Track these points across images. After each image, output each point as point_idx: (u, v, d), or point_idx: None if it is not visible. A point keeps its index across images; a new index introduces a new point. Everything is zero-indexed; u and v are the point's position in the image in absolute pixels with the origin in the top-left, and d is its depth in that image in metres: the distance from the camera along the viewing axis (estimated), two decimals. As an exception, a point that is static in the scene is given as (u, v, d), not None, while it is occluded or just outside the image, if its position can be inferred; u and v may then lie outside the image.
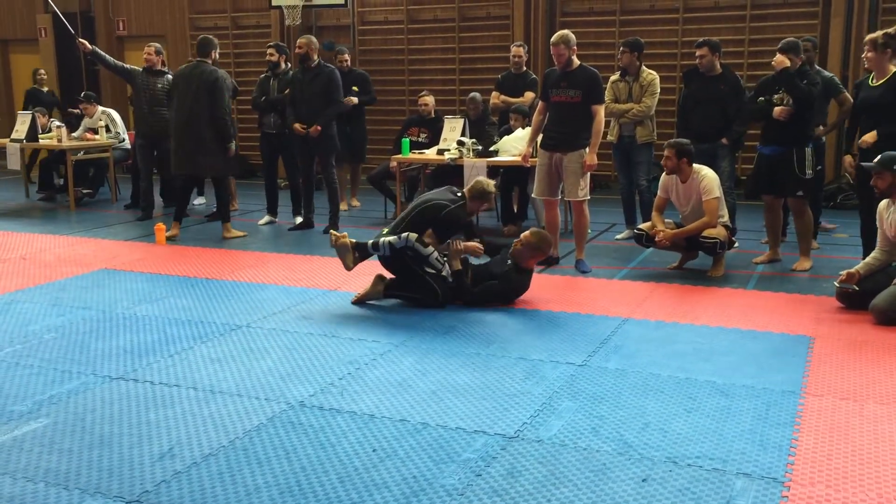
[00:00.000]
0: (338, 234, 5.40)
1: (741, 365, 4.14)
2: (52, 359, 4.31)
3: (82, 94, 10.14)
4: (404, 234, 5.14)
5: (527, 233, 5.41)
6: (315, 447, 3.25)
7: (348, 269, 5.38)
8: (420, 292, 5.22)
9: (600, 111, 6.05)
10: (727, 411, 3.57)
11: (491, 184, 5.58)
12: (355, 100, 8.74)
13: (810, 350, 4.36)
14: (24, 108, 10.65)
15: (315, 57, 7.55)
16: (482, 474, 3.02)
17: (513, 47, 8.50)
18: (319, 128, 7.44)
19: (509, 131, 7.95)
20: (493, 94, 8.40)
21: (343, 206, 9.17)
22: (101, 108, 9.80)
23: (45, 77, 11.22)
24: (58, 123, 9.68)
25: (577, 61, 6.06)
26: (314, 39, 7.68)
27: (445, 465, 3.10)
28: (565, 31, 6.07)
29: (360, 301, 5.30)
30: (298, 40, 7.70)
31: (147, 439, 3.34)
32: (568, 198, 6.20)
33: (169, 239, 7.33)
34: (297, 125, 7.50)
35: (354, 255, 5.33)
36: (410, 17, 11.54)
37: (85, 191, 9.71)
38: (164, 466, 3.11)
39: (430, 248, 5.16)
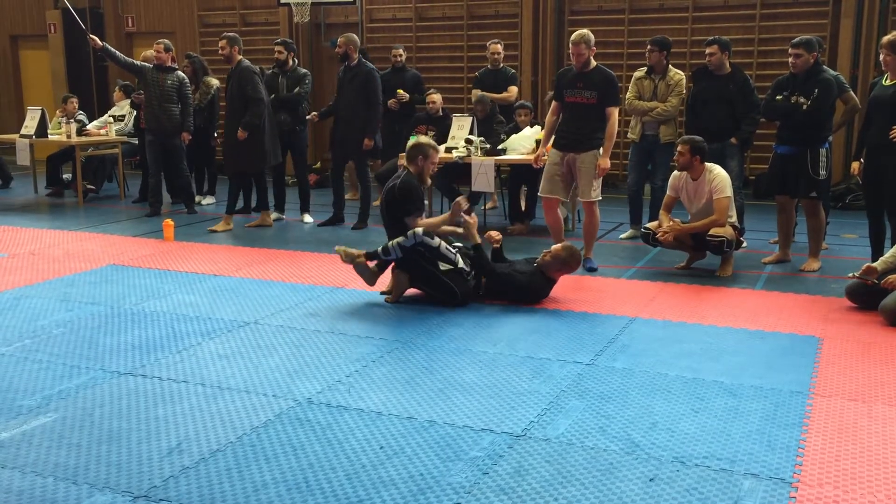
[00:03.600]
0: (345, 250, 5.33)
1: (749, 365, 4.13)
2: (61, 354, 4.33)
3: (120, 82, 10.21)
4: (410, 232, 5.13)
5: (558, 246, 5.42)
6: (322, 444, 3.26)
7: (371, 284, 5.38)
8: (439, 292, 5.21)
9: (614, 113, 5.98)
10: (735, 411, 3.56)
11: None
12: (406, 95, 8.98)
13: (819, 351, 4.35)
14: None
15: (355, 56, 7.63)
16: (489, 472, 3.02)
17: (491, 45, 8.79)
18: (371, 142, 7.70)
19: (517, 129, 7.95)
20: (474, 91, 8.65)
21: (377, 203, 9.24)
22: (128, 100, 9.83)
23: None
24: (79, 115, 9.76)
25: (593, 62, 6.02)
26: (354, 38, 7.75)
27: (453, 462, 3.10)
28: (585, 31, 5.99)
29: (395, 300, 5.30)
30: (338, 40, 7.75)
31: (155, 435, 3.35)
32: (581, 198, 6.15)
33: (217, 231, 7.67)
34: (368, 142, 7.71)
35: (371, 269, 5.33)
36: (419, 14, 11.53)
37: (88, 186, 9.72)
38: (172, 462, 3.12)
39: (438, 240, 5.15)
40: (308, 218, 8.16)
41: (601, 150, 5.99)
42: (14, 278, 5.90)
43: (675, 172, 6.16)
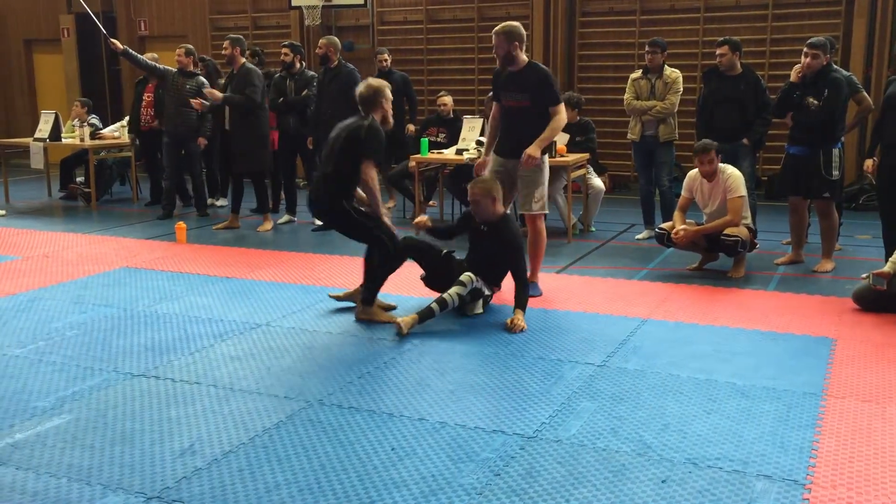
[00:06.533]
0: (405, 321, 4.69)
1: (762, 366, 4.11)
2: (75, 355, 4.35)
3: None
4: (465, 278, 4.84)
5: (469, 194, 5.04)
6: (334, 445, 3.27)
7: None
8: (374, 245, 4.93)
9: (560, 111, 5.28)
10: (747, 413, 3.55)
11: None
12: (413, 128, 9.12)
13: (832, 352, 4.33)
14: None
15: (335, 58, 7.62)
16: (501, 474, 3.02)
17: None
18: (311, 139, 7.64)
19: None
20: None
21: (390, 204, 9.25)
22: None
23: None
24: (92, 119, 9.82)
25: (523, 58, 5.32)
26: (335, 40, 7.75)
27: (464, 464, 3.10)
28: (509, 23, 5.31)
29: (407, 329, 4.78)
30: (319, 41, 7.79)
31: (168, 436, 3.36)
32: (521, 210, 5.53)
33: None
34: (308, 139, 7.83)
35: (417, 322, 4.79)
36: (430, 16, 11.55)
37: (86, 190, 9.73)
38: (184, 463, 3.13)
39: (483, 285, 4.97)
40: (319, 220, 8.17)
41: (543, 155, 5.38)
42: (28, 281, 5.94)
43: (690, 173, 6.13)
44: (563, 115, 5.33)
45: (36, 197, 10.29)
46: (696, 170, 6.04)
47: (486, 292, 5.05)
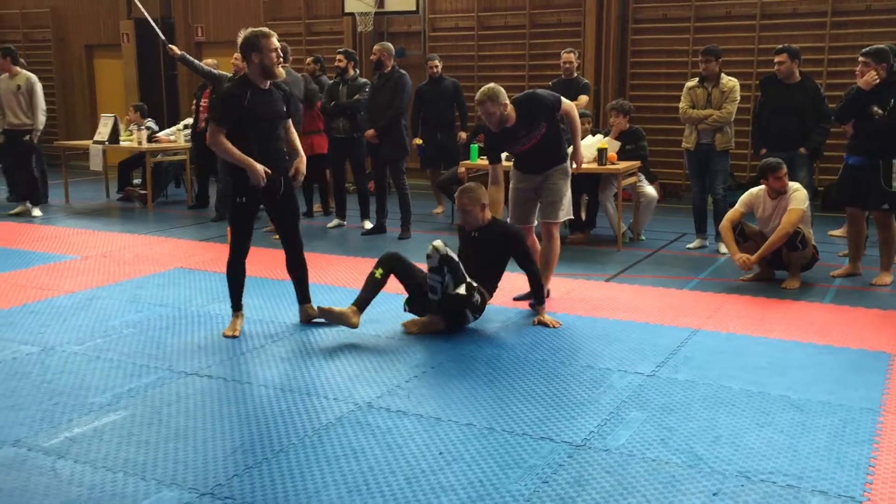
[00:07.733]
0: (413, 323, 4.87)
1: (817, 380, 4.03)
2: (131, 353, 4.46)
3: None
4: (430, 249, 4.65)
5: (458, 203, 5.06)
6: (382, 448, 3.29)
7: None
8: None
9: (567, 107, 5.25)
10: (802, 427, 3.48)
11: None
12: (464, 135, 9.11)
13: (890, 367, 4.22)
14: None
15: (389, 63, 7.69)
16: (549, 481, 3.01)
17: (563, 54, 8.55)
18: (373, 131, 7.70)
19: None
20: None
21: (439, 209, 9.31)
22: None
23: None
24: (149, 122, 10.06)
25: (511, 107, 5.15)
26: (389, 45, 7.84)
27: (512, 470, 3.10)
28: (489, 87, 5.10)
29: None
30: (374, 47, 7.89)
31: (220, 434, 3.42)
32: (547, 219, 5.37)
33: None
34: (368, 132, 7.79)
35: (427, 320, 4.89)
36: (481, 23, 11.57)
37: (141, 192, 9.94)
38: (236, 461, 3.18)
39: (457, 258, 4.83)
40: (368, 224, 8.24)
41: (566, 162, 5.40)
42: (87, 279, 6.10)
43: (753, 190, 6.03)
44: (571, 107, 5.30)
45: (94, 198, 10.55)
46: (760, 188, 5.94)
47: (474, 284, 4.81)
